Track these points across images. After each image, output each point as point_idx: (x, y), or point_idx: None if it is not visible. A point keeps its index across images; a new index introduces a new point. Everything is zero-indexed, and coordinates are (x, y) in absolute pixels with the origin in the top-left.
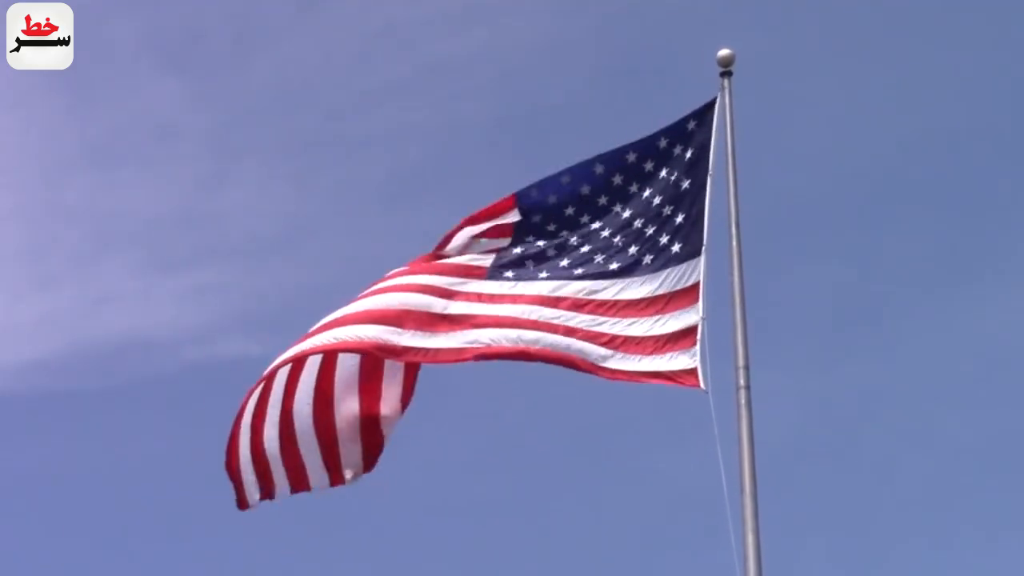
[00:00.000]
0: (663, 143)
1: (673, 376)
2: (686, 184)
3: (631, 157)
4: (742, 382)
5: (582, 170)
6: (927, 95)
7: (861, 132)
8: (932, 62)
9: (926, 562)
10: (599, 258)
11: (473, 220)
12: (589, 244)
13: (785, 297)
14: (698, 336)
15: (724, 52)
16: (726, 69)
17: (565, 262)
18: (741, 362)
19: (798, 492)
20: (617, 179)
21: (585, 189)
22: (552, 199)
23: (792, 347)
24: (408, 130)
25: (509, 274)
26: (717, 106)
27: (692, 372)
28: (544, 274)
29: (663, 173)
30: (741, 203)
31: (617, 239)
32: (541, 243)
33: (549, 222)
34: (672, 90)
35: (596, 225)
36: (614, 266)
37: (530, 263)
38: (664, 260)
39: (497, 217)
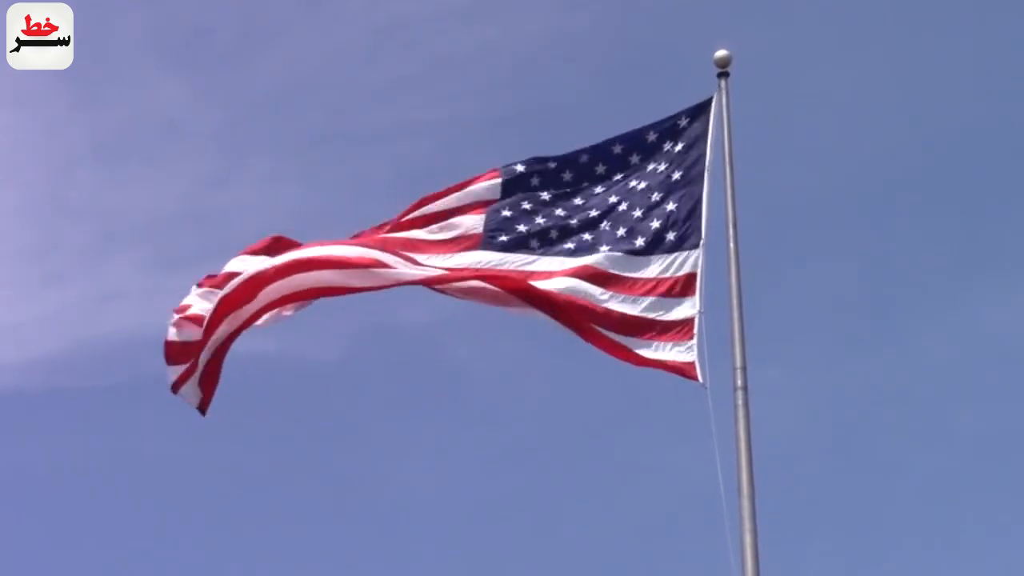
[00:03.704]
0: (652, 137)
1: (670, 365)
2: (676, 175)
3: (617, 149)
4: (739, 383)
5: (567, 157)
6: (929, 92)
7: (864, 129)
8: (934, 59)
9: (932, 561)
10: (587, 236)
11: (451, 190)
12: (576, 221)
13: (790, 295)
14: (695, 329)
15: (721, 53)
16: (723, 70)
17: (554, 234)
18: (739, 363)
19: (802, 490)
20: (601, 168)
21: (568, 175)
22: (535, 180)
23: (797, 345)
24: (415, 126)
25: (503, 238)
26: (714, 106)
27: (689, 365)
28: (535, 243)
29: (651, 166)
30: (745, 203)
31: (604, 224)
32: (528, 206)
33: (533, 193)
34: (682, 86)
35: (580, 202)
36: (604, 247)
37: (521, 229)
38: (656, 245)
39: (478, 188)
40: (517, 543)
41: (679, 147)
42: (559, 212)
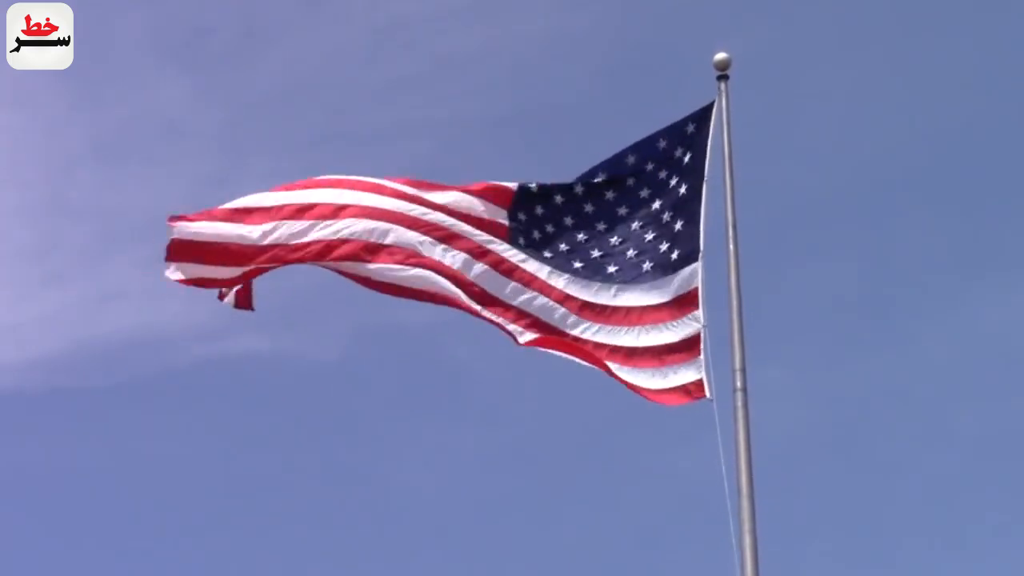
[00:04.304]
0: (663, 144)
1: (677, 393)
2: (683, 190)
3: (631, 159)
4: (739, 384)
5: (584, 177)
6: (929, 91)
7: (864, 129)
8: (934, 59)
9: (933, 562)
10: (595, 253)
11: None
12: (586, 235)
13: (790, 295)
14: (701, 346)
15: (720, 56)
16: (723, 72)
17: (563, 246)
18: (738, 365)
19: (802, 491)
20: (616, 184)
21: (580, 189)
22: (553, 198)
23: (797, 345)
24: (415, 126)
25: (521, 241)
26: (714, 110)
27: (698, 384)
28: (547, 253)
29: (663, 175)
30: (747, 204)
31: (614, 239)
32: (543, 211)
33: (549, 201)
34: (682, 86)
35: (598, 221)
36: (612, 269)
37: (536, 233)
38: (664, 268)
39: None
40: (517, 543)
41: (687, 157)
42: (580, 235)
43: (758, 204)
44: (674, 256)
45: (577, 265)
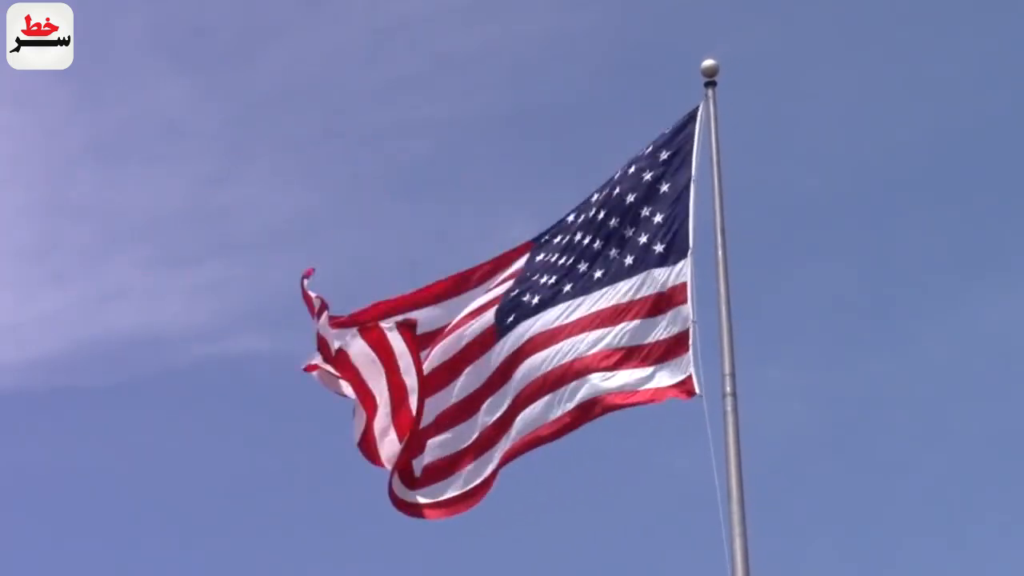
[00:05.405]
0: (648, 150)
1: (666, 392)
2: (665, 188)
3: (631, 169)
4: (728, 389)
5: (584, 202)
6: (929, 91)
7: (863, 129)
8: (934, 59)
9: (933, 562)
10: (582, 266)
11: (489, 272)
12: (579, 256)
13: (790, 295)
14: (690, 341)
15: (708, 63)
16: (710, 79)
17: (568, 287)
18: (727, 369)
19: (801, 491)
20: (607, 193)
21: (587, 214)
22: (559, 238)
23: (797, 345)
24: (415, 126)
25: (510, 319)
26: (700, 115)
27: (686, 380)
28: (536, 299)
29: (643, 176)
30: (747, 205)
31: (597, 243)
32: (543, 278)
33: (552, 254)
34: (682, 86)
35: (587, 239)
36: (598, 273)
37: (529, 295)
38: (647, 261)
39: (510, 265)
40: (515, 543)
41: (668, 156)
42: (567, 260)
43: (758, 204)
44: (657, 249)
45: (567, 288)
